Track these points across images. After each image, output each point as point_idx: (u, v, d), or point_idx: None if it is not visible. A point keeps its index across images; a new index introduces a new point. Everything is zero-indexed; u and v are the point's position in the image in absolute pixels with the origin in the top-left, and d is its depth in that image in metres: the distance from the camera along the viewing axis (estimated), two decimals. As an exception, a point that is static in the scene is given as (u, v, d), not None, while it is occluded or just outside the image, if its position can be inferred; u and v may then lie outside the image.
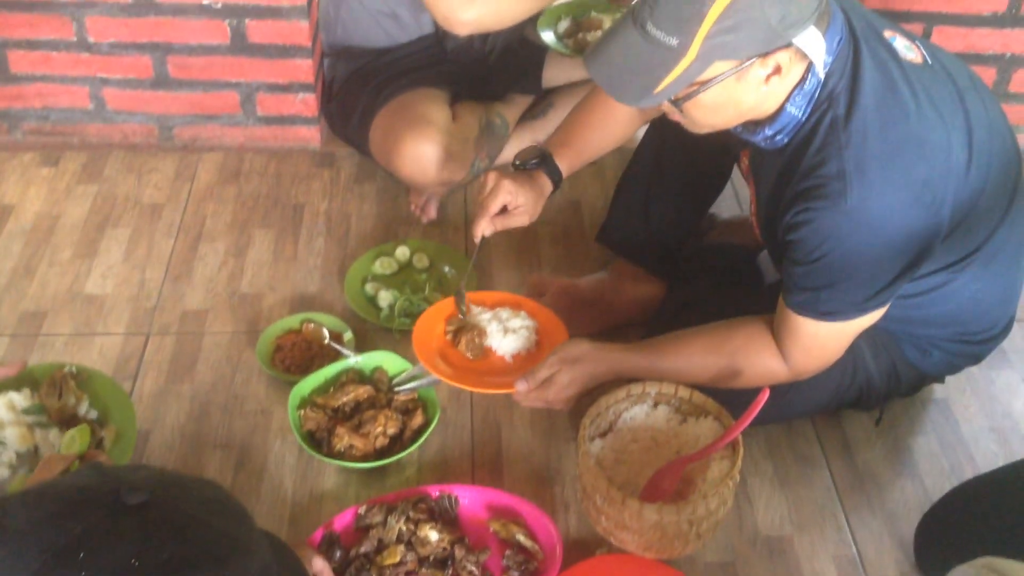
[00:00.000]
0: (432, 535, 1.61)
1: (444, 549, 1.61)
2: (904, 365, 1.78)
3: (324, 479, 1.78)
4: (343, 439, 1.76)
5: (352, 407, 1.83)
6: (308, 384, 1.86)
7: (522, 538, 1.62)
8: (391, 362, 1.91)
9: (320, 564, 1.45)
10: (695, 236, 2.15)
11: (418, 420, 1.81)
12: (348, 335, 1.99)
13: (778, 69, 1.43)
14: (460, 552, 1.60)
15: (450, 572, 1.59)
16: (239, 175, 2.48)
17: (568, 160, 1.87)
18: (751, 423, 1.56)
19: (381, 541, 1.61)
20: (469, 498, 1.69)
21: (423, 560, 1.59)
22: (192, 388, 1.93)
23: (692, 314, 1.81)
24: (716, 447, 1.60)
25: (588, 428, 1.65)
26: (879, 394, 1.81)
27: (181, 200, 2.39)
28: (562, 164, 1.86)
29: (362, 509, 1.65)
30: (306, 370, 1.91)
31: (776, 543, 1.70)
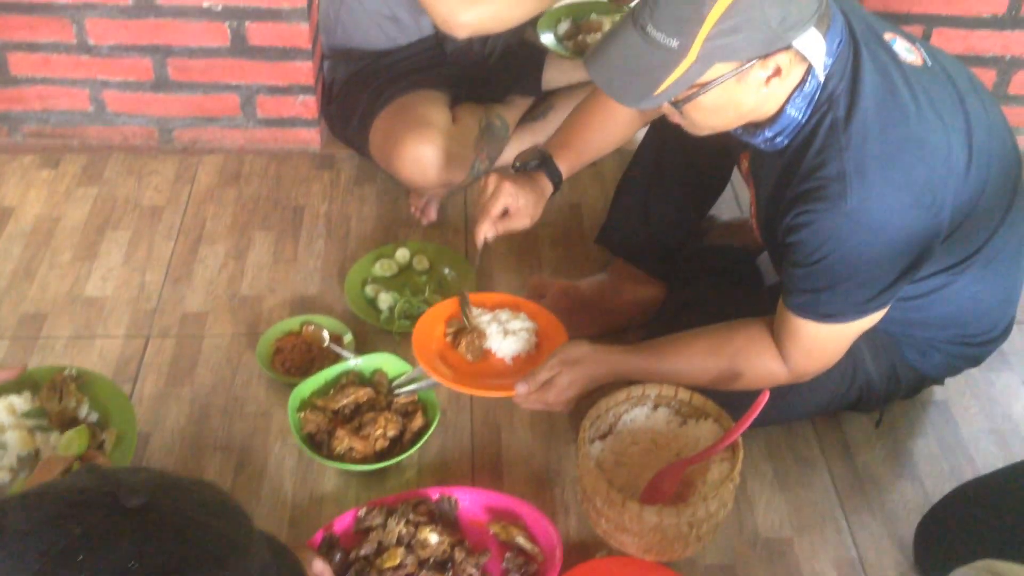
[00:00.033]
0: (432, 537, 1.61)
1: (444, 551, 1.60)
2: (904, 367, 1.78)
3: (324, 481, 1.78)
4: (343, 441, 1.76)
5: (352, 409, 1.83)
6: (308, 386, 1.86)
7: (522, 540, 1.62)
8: (391, 364, 1.91)
9: (320, 566, 1.45)
10: (695, 238, 2.15)
11: (418, 422, 1.81)
12: (348, 337, 1.99)
13: (778, 71, 1.43)
14: (460, 554, 1.60)
15: (450, 575, 1.59)
16: (239, 177, 2.48)
17: (568, 161, 1.87)
18: (751, 425, 1.56)
19: (381, 543, 1.61)
20: (469, 500, 1.69)
21: (423, 562, 1.59)
22: (192, 390, 1.93)
23: (692, 316, 1.81)
24: (716, 449, 1.60)
25: (588, 430, 1.65)
26: (879, 396, 1.81)
27: (181, 202, 2.39)
28: (562, 165, 1.86)
29: (362, 511, 1.65)
30: (306, 372, 1.91)
31: (776, 545, 1.70)
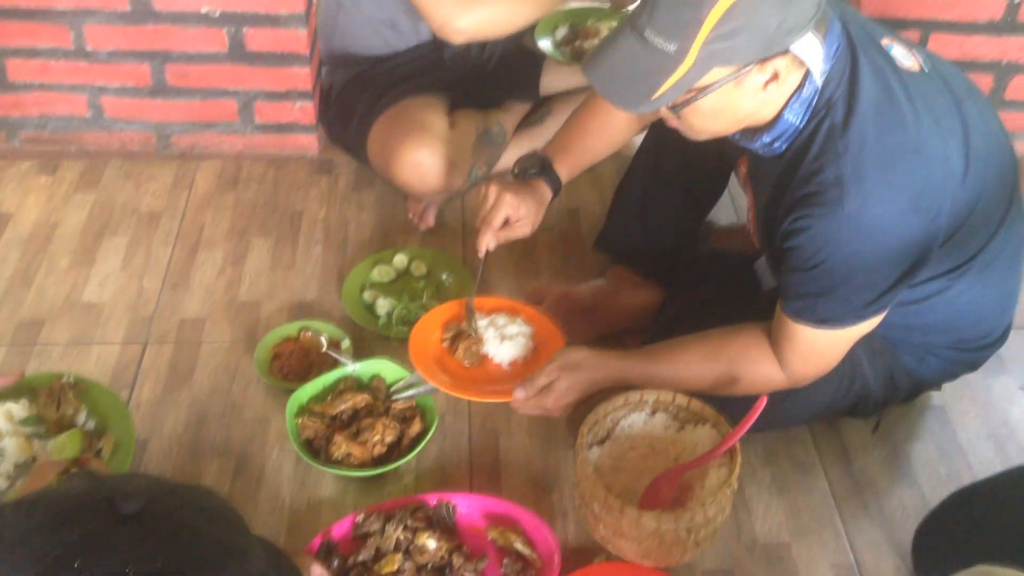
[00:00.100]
0: (430, 543, 1.60)
1: (442, 557, 1.60)
2: (901, 372, 1.78)
3: (322, 487, 1.78)
4: (341, 447, 1.75)
5: (350, 415, 1.83)
6: (306, 392, 1.86)
7: (520, 546, 1.62)
8: (389, 370, 1.91)
9: (318, 572, 1.44)
10: (693, 243, 2.15)
11: (416, 428, 1.81)
12: (346, 343, 1.99)
13: (776, 76, 1.43)
14: (458, 560, 1.60)
15: (448, 580, 1.59)
16: (237, 183, 2.48)
17: (567, 166, 1.88)
18: (749, 430, 1.56)
19: (379, 549, 1.60)
20: (467, 506, 1.69)
21: (421, 568, 1.59)
22: (190, 396, 1.93)
23: (690, 321, 1.81)
24: (714, 454, 1.60)
25: (586, 435, 1.65)
26: (876, 401, 1.81)
27: (179, 208, 2.39)
28: (561, 171, 1.87)
29: (360, 517, 1.65)
30: (304, 378, 1.91)
31: (774, 550, 1.70)
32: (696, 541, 1.58)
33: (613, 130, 1.88)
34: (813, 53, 1.42)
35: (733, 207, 2.36)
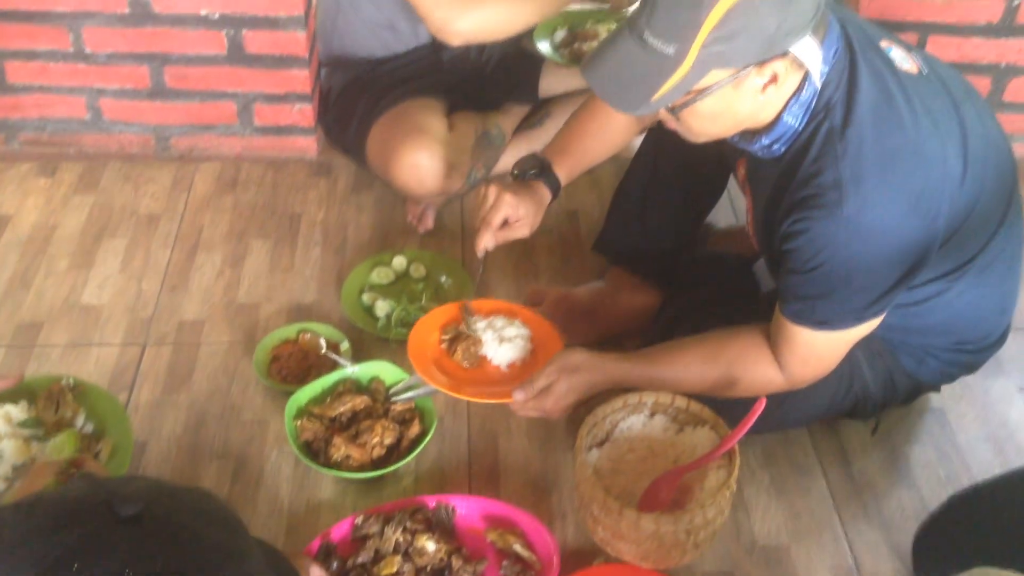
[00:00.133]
0: (429, 545, 1.60)
1: (441, 559, 1.60)
2: (900, 374, 1.78)
3: (321, 489, 1.78)
4: (340, 449, 1.75)
5: (349, 417, 1.83)
6: (305, 394, 1.86)
7: (519, 548, 1.62)
8: (388, 372, 1.91)
9: (317, 574, 1.45)
10: (692, 245, 2.15)
11: (415, 430, 1.81)
12: (345, 345, 1.99)
13: (775, 78, 1.43)
14: (457, 562, 1.60)
15: (447, 582, 1.59)
16: (236, 185, 2.48)
17: (566, 168, 1.88)
18: (748, 432, 1.56)
19: (378, 551, 1.60)
20: (466, 508, 1.69)
21: (420, 570, 1.59)
22: (189, 398, 1.93)
23: (688, 323, 1.81)
24: (713, 456, 1.60)
25: (585, 438, 1.65)
26: (875, 403, 1.81)
27: (178, 210, 2.39)
28: (560, 172, 1.87)
29: (359, 519, 1.65)
30: (303, 380, 1.91)
31: (773, 552, 1.70)
32: (695, 543, 1.58)
33: (612, 132, 1.88)
34: (812, 55, 1.42)
35: (732, 209, 2.36)
